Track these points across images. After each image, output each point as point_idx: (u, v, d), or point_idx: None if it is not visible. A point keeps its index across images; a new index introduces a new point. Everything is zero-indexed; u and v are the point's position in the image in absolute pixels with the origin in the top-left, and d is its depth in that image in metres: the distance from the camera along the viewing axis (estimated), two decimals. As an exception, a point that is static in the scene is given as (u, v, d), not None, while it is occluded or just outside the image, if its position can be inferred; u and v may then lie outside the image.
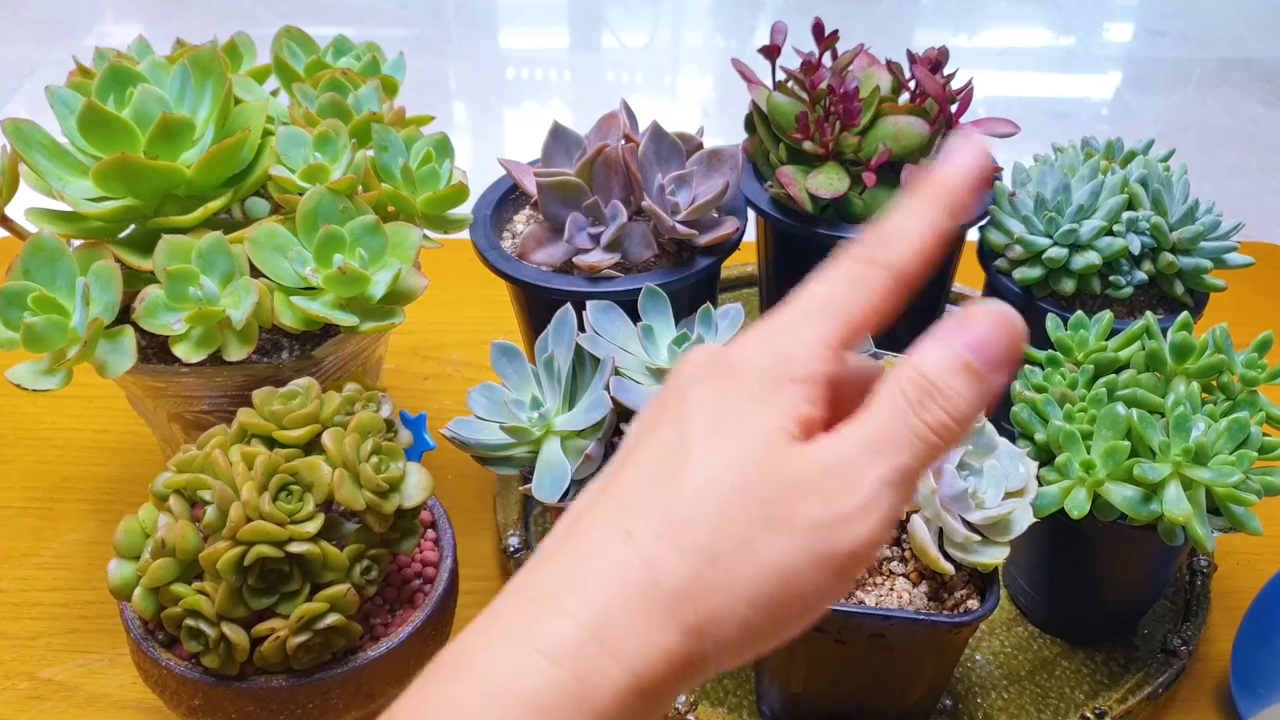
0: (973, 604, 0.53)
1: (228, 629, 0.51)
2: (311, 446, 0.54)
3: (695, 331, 0.58)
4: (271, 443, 0.54)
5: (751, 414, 0.31)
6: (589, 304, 0.60)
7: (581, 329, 0.59)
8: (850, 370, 0.34)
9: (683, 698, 0.63)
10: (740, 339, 0.33)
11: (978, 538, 0.52)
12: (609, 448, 0.62)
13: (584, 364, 0.60)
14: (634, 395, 0.56)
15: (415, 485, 0.55)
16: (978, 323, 0.31)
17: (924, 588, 0.54)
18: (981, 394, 0.30)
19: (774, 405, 0.31)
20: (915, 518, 0.53)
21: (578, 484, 0.57)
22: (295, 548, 0.50)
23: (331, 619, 0.52)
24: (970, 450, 0.54)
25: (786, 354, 0.32)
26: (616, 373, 0.57)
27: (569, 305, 0.60)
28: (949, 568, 0.52)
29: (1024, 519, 0.53)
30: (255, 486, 0.50)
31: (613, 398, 0.56)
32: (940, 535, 0.53)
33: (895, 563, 0.55)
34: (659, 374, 0.57)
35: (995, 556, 0.52)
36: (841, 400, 0.32)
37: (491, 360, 0.60)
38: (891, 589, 0.54)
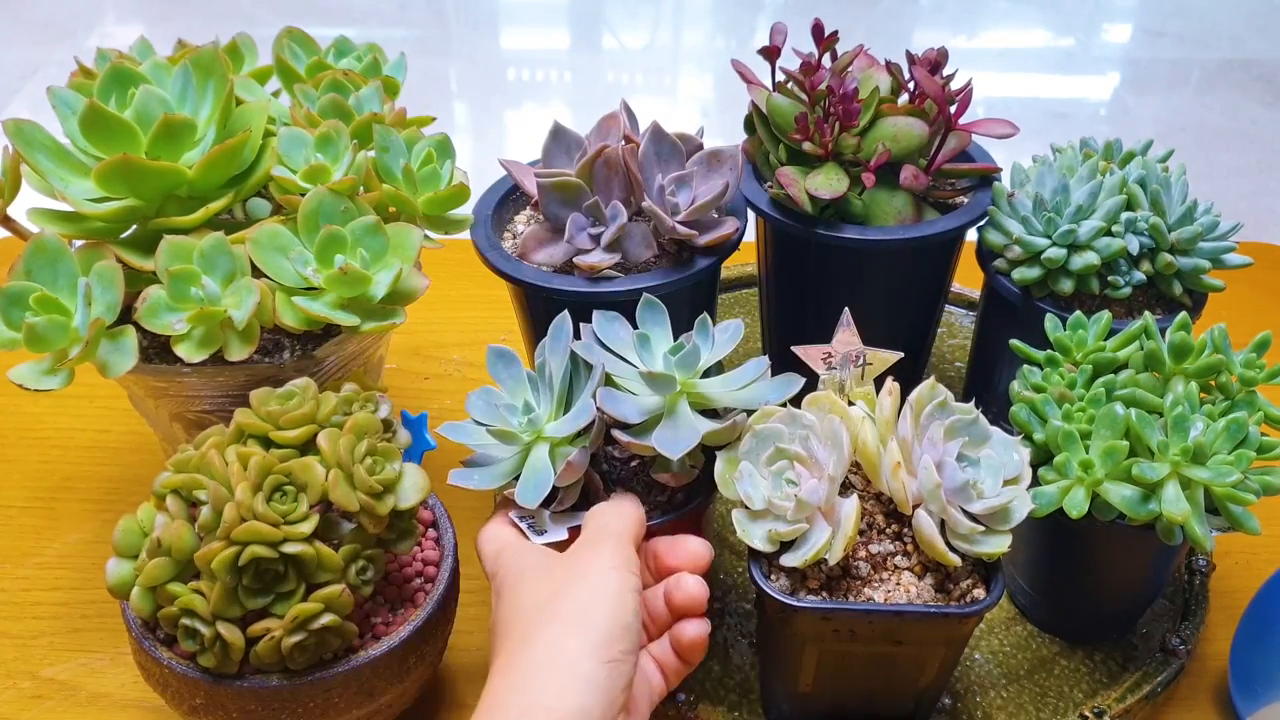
0: (979, 593, 0.54)
1: (223, 628, 0.51)
2: (308, 447, 0.54)
3: (692, 342, 0.57)
4: (268, 443, 0.54)
5: None
6: (595, 312, 0.60)
7: (580, 336, 0.59)
8: None
9: (682, 696, 0.63)
10: None
11: (980, 528, 0.53)
12: (603, 456, 0.62)
13: (579, 371, 0.60)
14: (621, 405, 0.56)
15: (411, 486, 0.55)
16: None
17: (929, 580, 0.55)
18: None
19: None
20: (920, 512, 0.53)
21: (559, 490, 0.57)
22: (289, 548, 0.50)
23: (326, 619, 0.52)
24: (966, 441, 0.55)
25: None
26: (608, 381, 0.57)
27: (566, 313, 0.60)
28: (956, 559, 0.53)
29: (1023, 507, 0.54)
30: (249, 487, 0.50)
31: (598, 407, 0.56)
32: (943, 528, 0.54)
33: (899, 557, 0.55)
34: (653, 380, 0.56)
35: (998, 546, 0.53)
36: None
37: (487, 365, 0.60)
38: (898, 583, 0.55)
